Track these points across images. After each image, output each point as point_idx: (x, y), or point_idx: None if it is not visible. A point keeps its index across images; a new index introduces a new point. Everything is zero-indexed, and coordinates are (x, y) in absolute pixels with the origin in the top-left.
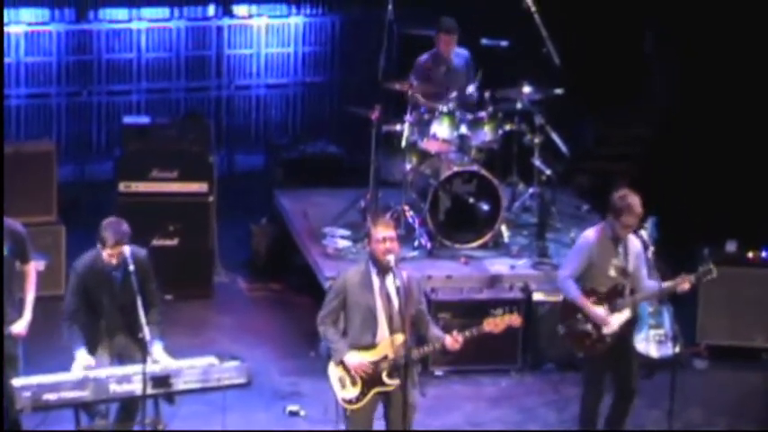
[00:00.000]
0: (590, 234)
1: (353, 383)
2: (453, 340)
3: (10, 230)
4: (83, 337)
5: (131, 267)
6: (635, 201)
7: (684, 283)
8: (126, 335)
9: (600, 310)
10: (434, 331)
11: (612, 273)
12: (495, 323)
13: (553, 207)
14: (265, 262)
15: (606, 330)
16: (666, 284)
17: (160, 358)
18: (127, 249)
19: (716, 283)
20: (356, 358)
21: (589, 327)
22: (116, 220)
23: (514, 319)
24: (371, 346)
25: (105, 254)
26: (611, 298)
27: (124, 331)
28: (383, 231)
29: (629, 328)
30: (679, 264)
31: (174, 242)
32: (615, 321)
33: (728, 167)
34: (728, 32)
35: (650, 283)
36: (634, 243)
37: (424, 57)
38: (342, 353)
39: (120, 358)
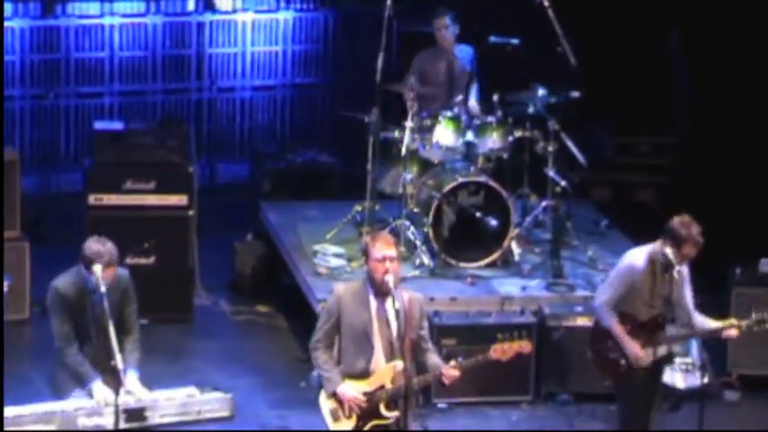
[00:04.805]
0: (638, 258)
1: (348, 416)
2: (447, 375)
3: None
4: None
5: (102, 289)
6: (698, 230)
7: (731, 330)
8: (104, 366)
9: (635, 346)
10: (434, 360)
11: (656, 302)
12: (503, 350)
13: (569, 222)
14: (251, 282)
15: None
16: (711, 326)
17: (134, 389)
18: (99, 269)
19: (749, 307)
20: (351, 390)
21: (620, 356)
22: (102, 238)
23: (524, 346)
24: (365, 373)
25: (105, 273)
26: (650, 330)
27: (103, 361)
28: (383, 250)
29: (662, 364)
30: (708, 286)
31: (150, 261)
32: (648, 357)
33: (763, 178)
34: (763, 27)
35: (696, 319)
36: (684, 270)
37: (422, 53)
38: (335, 383)
39: None
